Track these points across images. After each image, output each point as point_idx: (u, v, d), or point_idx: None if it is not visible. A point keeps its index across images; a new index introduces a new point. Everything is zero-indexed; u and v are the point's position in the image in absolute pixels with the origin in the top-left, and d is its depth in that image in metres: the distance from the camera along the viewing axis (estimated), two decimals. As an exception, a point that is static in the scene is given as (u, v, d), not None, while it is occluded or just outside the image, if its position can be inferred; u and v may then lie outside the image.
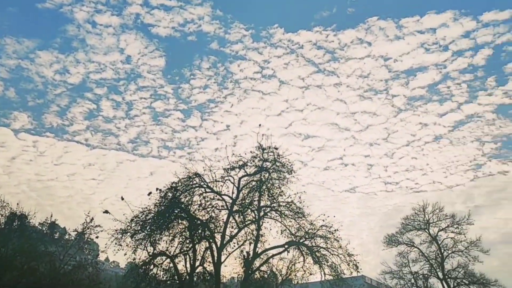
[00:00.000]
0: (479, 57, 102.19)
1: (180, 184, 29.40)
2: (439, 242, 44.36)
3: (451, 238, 44.33)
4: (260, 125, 30.89)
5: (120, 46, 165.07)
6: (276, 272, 34.88)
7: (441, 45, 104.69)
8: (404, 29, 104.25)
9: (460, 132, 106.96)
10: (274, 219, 30.59)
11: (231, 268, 31.90)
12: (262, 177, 30.56)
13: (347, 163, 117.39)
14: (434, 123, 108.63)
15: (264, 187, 30.44)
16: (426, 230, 45.10)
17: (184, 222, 29.60)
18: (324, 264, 29.19)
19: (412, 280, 44.49)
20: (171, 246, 28.74)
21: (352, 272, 29.44)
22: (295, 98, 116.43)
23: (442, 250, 43.92)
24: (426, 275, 44.34)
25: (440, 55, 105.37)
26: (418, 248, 45.28)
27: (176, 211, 29.15)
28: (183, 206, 29.11)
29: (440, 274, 43.48)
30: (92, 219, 35.34)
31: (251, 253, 30.16)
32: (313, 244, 29.71)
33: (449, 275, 43.32)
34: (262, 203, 30.70)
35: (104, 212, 27.79)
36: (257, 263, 31.16)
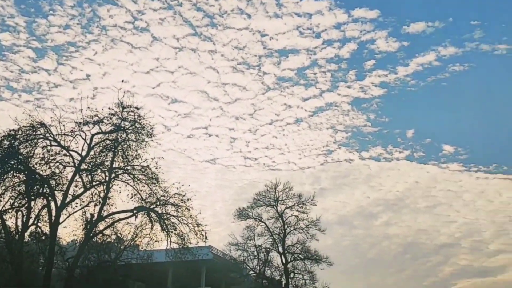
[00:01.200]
0: (345, 49, 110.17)
1: (20, 132, 26.02)
2: (284, 219, 47.12)
3: (295, 216, 47.38)
4: (123, 80, 28.87)
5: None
6: (121, 237, 33.57)
7: (314, 32, 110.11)
8: (284, 8, 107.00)
9: (319, 118, 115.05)
10: (126, 182, 29.11)
11: (71, 230, 29.74)
12: (118, 137, 28.67)
13: (212, 133, 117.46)
14: (298, 106, 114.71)
15: (119, 147, 28.62)
16: (274, 207, 47.46)
17: (21, 176, 26.40)
18: (172, 232, 28.86)
19: (255, 253, 46.72)
20: (1, 201, 25.44)
21: (198, 242, 29.70)
22: (167, 58, 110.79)
23: (286, 227, 46.77)
24: (268, 249, 46.89)
25: (312, 41, 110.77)
26: (265, 223, 47.56)
27: (12, 162, 25.83)
28: (21, 157, 25.88)
29: (280, 249, 46.34)
30: None
31: (95, 215, 28.35)
32: (164, 211, 29.09)
33: (288, 250, 46.44)
34: (115, 165, 28.88)
35: None
36: (101, 226, 29.47)
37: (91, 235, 28.82)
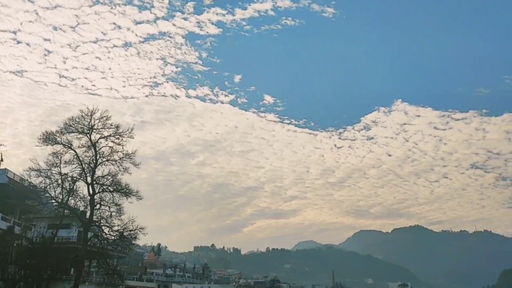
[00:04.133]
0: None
1: None
2: (97, 149, 44.67)
3: (110, 147, 45.26)
4: None
5: None
6: None
7: None
8: None
9: (150, 46, 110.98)
10: None
11: None
12: None
13: (21, 40, 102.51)
14: (128, 28, 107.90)
15: None
16: (88, 135, 44.38)
17: None
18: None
19: (59, 181, 43.50)
20: None
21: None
22: None
23: (98, 157, 44.47)
24: (75, 178, 44.18)
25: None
26: (75, 151, 44.25)
27: None
28: None
29: (89, 179, 44.09)
30: None
31: None
32: None
33: (98, 181, 44.48)
34: None
35: None
36: None
37: None
